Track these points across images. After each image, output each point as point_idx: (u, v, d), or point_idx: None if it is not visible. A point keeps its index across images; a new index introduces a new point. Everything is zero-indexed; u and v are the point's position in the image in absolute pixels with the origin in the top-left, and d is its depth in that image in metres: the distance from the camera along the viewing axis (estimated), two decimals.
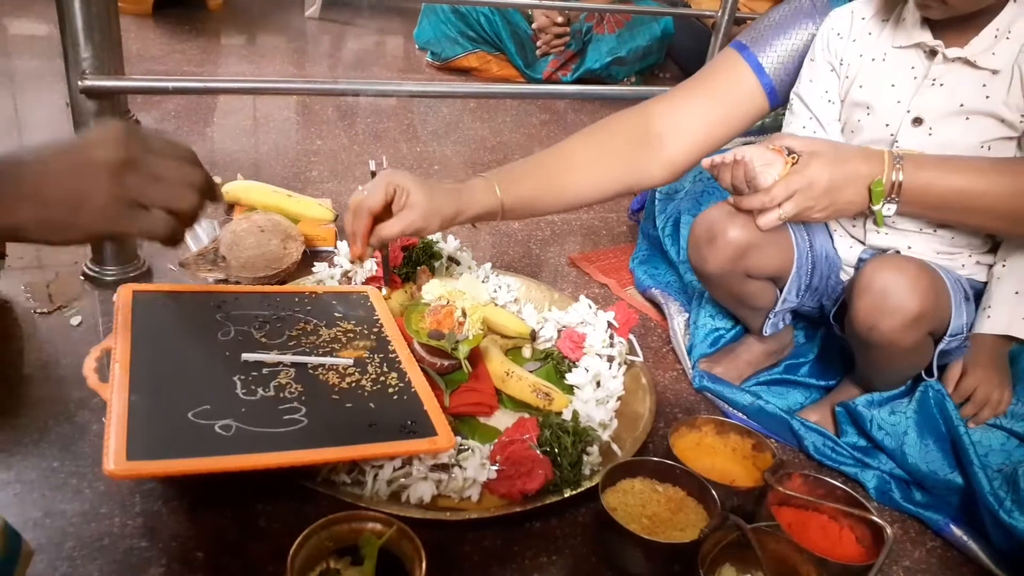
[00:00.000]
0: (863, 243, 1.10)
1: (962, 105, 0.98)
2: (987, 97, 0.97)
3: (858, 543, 0.93)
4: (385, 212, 0.96)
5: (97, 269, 1.27)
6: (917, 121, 1.01)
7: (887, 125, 1.03)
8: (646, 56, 2.89)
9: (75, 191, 0.59)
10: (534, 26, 2.79)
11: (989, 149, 0.99)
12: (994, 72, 0.96)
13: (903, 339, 0.97)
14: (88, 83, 1.12)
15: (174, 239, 0.64)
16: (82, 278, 1.28)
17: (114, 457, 0.75)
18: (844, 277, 1.14)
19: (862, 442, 1.10)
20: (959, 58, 0.97)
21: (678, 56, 3.02)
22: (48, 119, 1.94)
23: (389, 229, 0.96)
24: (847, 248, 1.12)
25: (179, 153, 0.65)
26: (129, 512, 0.86)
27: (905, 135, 1.02)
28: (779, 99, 1.15)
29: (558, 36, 2.77)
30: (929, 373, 1.05)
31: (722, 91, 1.14)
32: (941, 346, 1.01)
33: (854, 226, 1.11)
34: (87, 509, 0.85)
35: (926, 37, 0.99)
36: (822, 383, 1.22)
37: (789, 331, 1.25)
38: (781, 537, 0.86)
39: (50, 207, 0.58)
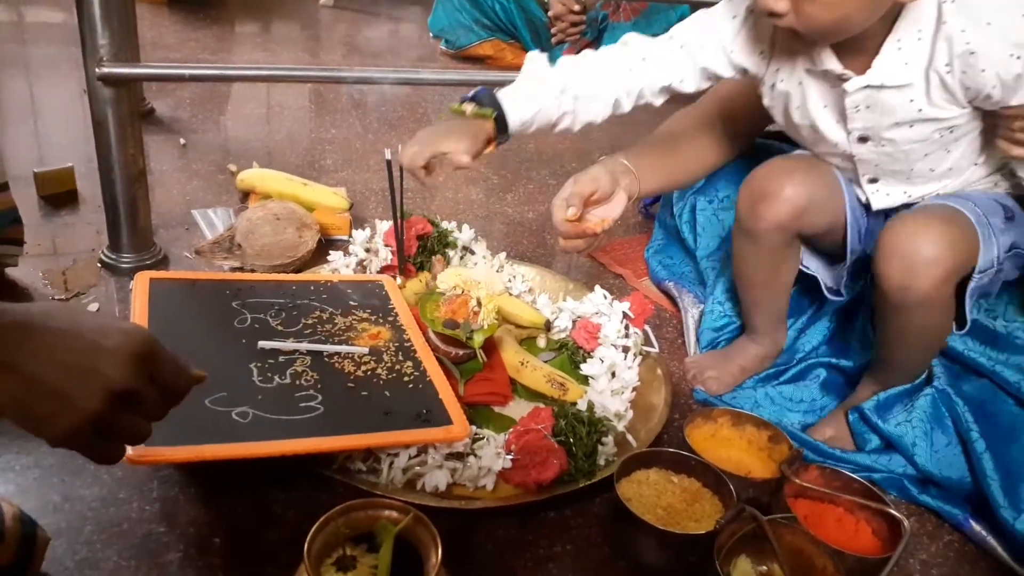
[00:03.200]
0: (870, 207, 1.08)
1: (897, 122, 0.95)
2: (919, 110, 0.94)
3: (874, 536, 0.92)
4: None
5: (114, 256, 1.28)
6: (863, 140, 0.99)
7: (836, 144, 1.02)
8: None
9: (67, 390, 0.50)
10: (549, 14, 2.77)
11: (951, 131, 0.96)
12: (908, 85, 0.92)
13: (939, 295, 0.94)
14: (106, 70, 1.12)
15: (109, 463, 0.57)
16: (99, 265, 1.28)
17: None
18: None
19: (878, 445, 1.08)
20: (867, 86, 0.94)
21: None
22: (63, 107, 1.95)
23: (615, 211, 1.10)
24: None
25: (178, 385, 0.58)
26: (147, 498, 0.87)
27: (858, 150, 1.01)
28: None
29: (574, 24, 2.75)
30: (961, 325, 1.01)
31: None
32: (972, 284, 0.96)
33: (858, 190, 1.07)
34: (105, 494, 0.86)
35: (832, 64, 0.94)
36: (835, 360, 1.19)
37: (783, 334, 1.22)
38: (797, 529, 0.85)
39: (34, 391, 0.50)
